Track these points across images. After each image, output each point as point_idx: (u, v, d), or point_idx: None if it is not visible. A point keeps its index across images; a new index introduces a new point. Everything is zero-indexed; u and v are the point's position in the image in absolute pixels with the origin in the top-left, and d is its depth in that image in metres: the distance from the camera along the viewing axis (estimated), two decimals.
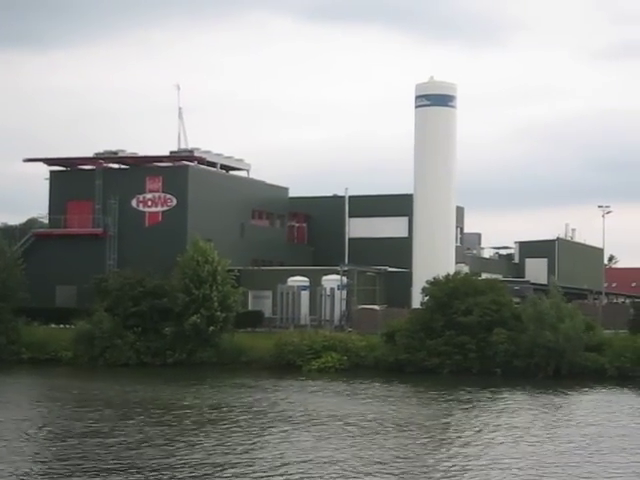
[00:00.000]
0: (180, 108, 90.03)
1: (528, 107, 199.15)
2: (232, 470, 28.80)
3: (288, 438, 34.83)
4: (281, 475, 28.19)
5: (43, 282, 79.42)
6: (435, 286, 64.86)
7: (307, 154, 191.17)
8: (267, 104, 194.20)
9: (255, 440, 34.42)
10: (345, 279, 77.77)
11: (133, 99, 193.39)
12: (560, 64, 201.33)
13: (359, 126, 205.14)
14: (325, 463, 29.86)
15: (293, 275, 79.54)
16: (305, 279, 78.51)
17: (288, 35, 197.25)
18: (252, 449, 32.57)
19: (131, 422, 38.77)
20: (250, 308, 78.72)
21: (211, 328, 66.28)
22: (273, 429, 37.19)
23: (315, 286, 77.09)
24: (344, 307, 76.47)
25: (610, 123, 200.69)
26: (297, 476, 28.02)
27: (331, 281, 77.37)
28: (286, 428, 37.27)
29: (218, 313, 66.56)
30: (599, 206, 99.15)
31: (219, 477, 27.98)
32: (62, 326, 73.46)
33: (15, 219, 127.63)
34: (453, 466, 29.90)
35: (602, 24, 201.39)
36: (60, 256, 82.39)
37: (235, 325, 68.80)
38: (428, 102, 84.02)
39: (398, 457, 31.19)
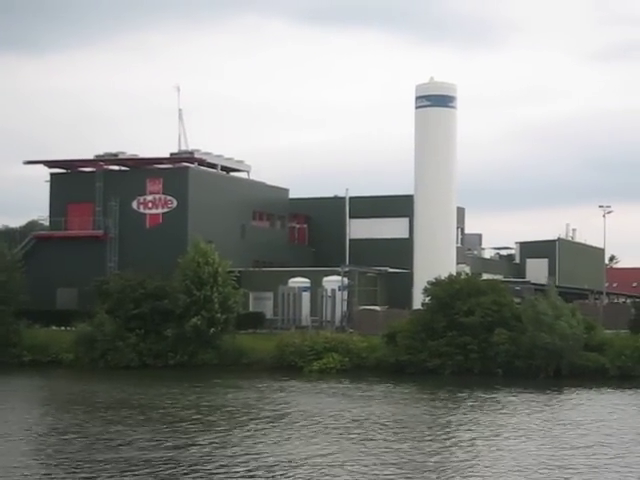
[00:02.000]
0: (180, 110, 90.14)
1: (525, 108, 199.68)
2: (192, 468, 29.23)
3: (260, 436, 35.29)
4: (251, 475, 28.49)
5: (44, 284, 79.47)
6: (437, 286, 64.85)
7: (307, 156, 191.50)
8: (267, 106, 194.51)
9: (228, 439, 34.73)
10: (346, 280, 77.69)
11: (133, 101, 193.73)
12: (556, 65, 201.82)
13: (358, 128, 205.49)
14: (295, 464, 30.03)
15: (294, 276, 79.50)
16: (306, 280, 78.48)
17: (285, 38, 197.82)
18: (222, 448, 32.88)
19: (117, 423, 39.05)
20: (251, 309, 78.74)
21: (212, 330, 66.32)
22: (248, 428, 37.61)
23: (316, 287, 77.03)
24: (345, 308, 76.37)
25: (607, 123, 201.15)
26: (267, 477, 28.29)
27: (332, 282, 77.28)
28: (264, 427, 37.79)
29: (219, 315, 66.59)
30: (600, 206, 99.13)
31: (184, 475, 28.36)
32: (63, 328, 73.45)
33: (16, 222, 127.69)
34: (442, 466, 30.03)
35: (598, 25, 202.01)
36: (61, 258, 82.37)
37: (236, 326, 68.82)
38: (428, 103, 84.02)
39: (371, 455, 31.38)
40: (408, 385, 55.46)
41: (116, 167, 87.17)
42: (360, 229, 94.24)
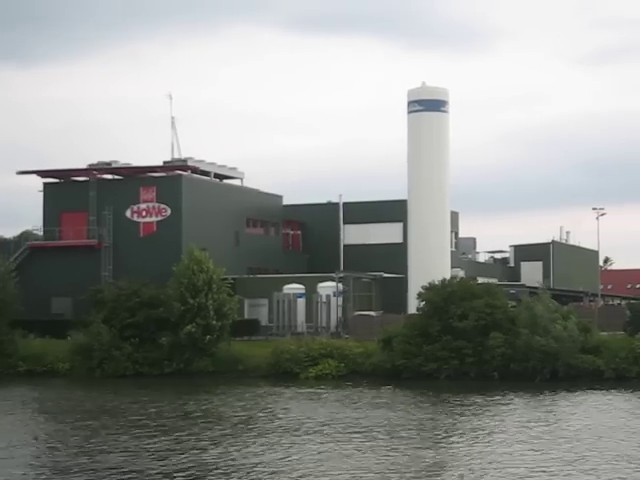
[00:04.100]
0: (173, 118, 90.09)
1: (517, 111, 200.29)
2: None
3: (225, 443, 35.69)
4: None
5: (38, 294, 79.34)
6: (431, 291, 64.85)
7: (301, 162, 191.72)
8: (261, 113, 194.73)
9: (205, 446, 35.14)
10: (341, 286, 77.71)
11: (127, 110, 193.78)
12: (547, 69, 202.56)
13: (352, 133, 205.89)
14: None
15: (289, 283, 79.46)
16: (301, 286, 78.43)
17: (278, 45, 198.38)
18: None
19: (100, 431, 39.56)
20: (246, 316, 78.64)
21: (207, 337, 66.21)
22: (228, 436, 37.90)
23: (311, 293, 77.02)
24: (340, 314, 76.41)
25: (598, 126, 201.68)
26: None
27: (327, 288, 77.32)
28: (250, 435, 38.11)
29: (214, 322, 66.49)
30: (593, 208, 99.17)
31: None
32: (58, 338, 73.22)
33: (9, 232, 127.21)
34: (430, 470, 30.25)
35: (587, 29, 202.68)
36: (55, 268, 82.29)
37: (231, 334, 68.69)
38: (421, 107, 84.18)
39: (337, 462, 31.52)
40: (400, 390, 55.56)
41: (109, 176, 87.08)
42: (354, 234, 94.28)
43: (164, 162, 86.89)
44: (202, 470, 30.32)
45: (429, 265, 80.00)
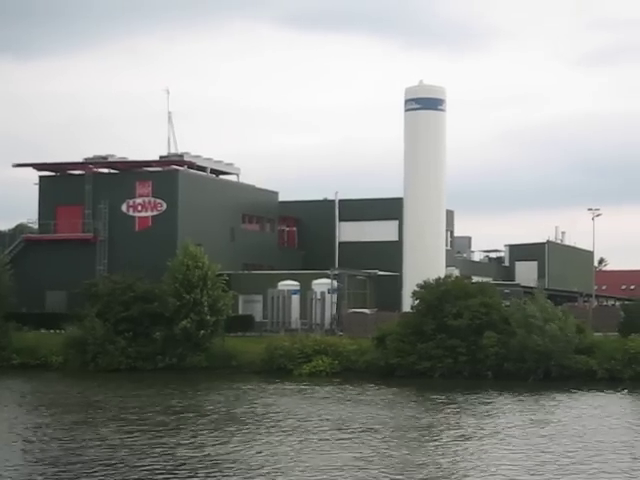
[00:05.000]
0: (169, 112, 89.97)
1: (514, 111, 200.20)
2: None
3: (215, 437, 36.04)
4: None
5: (33, 287, 79.28)
6: (426, 289, 64.91)
7: (299, 159, 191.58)
8: (260, 109, 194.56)
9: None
10: (335, 283, 77.70)
11: (127, 105, 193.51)
12: (544, 69, 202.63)
13: (350, 131, 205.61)
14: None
15: (283, 279, 79.42)
16: (295, 283, 78.40)
17: (278, 42, 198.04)
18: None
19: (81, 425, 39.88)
20: (240, 312, 78.68)
21: (201, 332, 66.28)
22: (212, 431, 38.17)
23: (305, 290, 77.02)
24: (335, 311, 76.38)
25: (595, 126, 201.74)
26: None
27: (321, 285, 77.27)
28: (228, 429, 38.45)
29: (208, 317, 66.56)
30: (589, 209, 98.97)
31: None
32: (52, 331, 73.30)
33: (4, 225, 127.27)
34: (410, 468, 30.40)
35: (585, 30, 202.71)
36: (50, 261, 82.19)
37: (226, 329, 68.80)
38: (418, 106, 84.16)
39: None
40: (388, 388, 55.65)
41: (105, 170, 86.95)
42: (350, 232, 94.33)
43: (160, 157, 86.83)
44: (173, 463, 30.62)
45: (424, 263, 79.97)
